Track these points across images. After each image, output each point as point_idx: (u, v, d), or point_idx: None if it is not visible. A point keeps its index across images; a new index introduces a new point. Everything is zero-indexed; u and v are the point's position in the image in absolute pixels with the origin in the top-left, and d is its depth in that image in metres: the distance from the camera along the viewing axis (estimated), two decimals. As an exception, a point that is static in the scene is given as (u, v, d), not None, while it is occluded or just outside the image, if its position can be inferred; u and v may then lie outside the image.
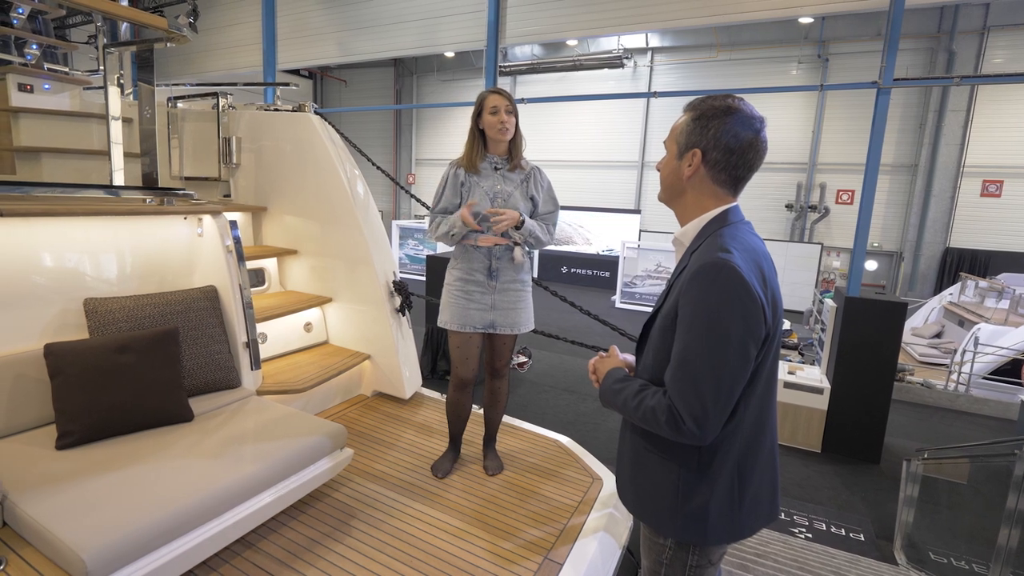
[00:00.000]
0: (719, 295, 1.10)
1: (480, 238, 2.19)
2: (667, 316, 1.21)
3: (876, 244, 13.00)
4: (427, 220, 2.32)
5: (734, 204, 1.25)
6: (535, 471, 2.46)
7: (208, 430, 2.03)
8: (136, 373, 1.96)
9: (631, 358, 1.43)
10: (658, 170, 1.33)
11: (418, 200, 4.61)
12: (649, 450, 1.28)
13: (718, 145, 1.18)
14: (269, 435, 2.03)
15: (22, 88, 3.05)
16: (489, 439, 2.52)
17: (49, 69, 3.21)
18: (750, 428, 1.22)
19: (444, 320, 2.28)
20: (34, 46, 3.21)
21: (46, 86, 3.17)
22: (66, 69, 3.37)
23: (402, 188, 5.02)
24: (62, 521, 1.46)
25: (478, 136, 2.22)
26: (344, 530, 1.95)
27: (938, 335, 9.80)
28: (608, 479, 2.43)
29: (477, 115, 2.19)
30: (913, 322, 10.47)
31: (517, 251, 2.22)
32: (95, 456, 1.78)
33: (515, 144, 2.24)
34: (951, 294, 10.45)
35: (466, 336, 2.27)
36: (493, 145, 2.23)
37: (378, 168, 4.74)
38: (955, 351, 7.94)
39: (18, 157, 3.02)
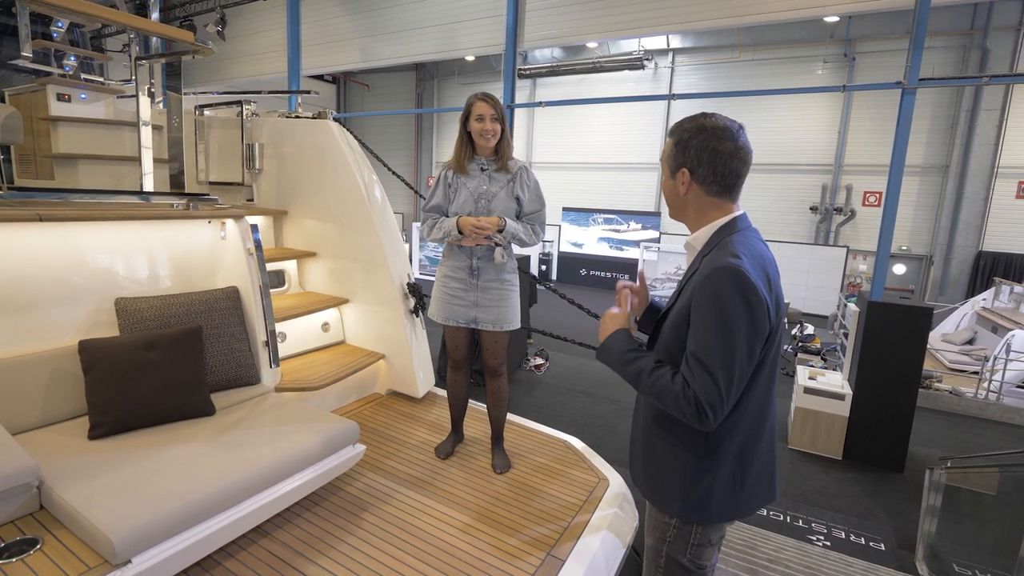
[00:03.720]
0: (730, 297, 1.21)
1: (464, 238, 2.28)
2: (679, 315, 1.32)
3: (905, 247, 12.63)
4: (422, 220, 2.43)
5: (741, 212, 1.37)
6: (542, 470, 2.50)
7: (229, 424, 2.12)
8: (162, 369, 2.07)
9: (637, 289, 1.54)
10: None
11: (431, 204, 4.71)
12: (660, 436, 1.40)
13: (701, 162, 1.31)
14: (286, 430, 2.12)
15: (61, 98, 3.23)
16: (496, 438, 2.58)
17: (85, 79, 3.39)
18: (753, 416, 1.33)
19: (432, 312, 2.44)
20: (72, 58, 3.39)
21: (82, 96, 3.34)
22: (101, 79, 3.55)
23: (417, 193, 5.11)
24: (93, 505, 1.56)
25: (466, 139, 2.31)
26: (355, 522, 2.02)
27: (970, 341, 9.47)
28: (614, 479, 2.46)
29: (465, 119, 2.28)
30: (944, 328, 10.14)
31: (497, 252, 2.31)
32: (124, 446, 1.90)
33: (502, 146, 2.32)
34: (984, 299, 10.10)
35: (453, 328, 2.42)
36: (480, 147, 2.31)
37: (393, 173, 4.84)
38: (987, 358, 7.68)
39: (56, 163, 3.20)
